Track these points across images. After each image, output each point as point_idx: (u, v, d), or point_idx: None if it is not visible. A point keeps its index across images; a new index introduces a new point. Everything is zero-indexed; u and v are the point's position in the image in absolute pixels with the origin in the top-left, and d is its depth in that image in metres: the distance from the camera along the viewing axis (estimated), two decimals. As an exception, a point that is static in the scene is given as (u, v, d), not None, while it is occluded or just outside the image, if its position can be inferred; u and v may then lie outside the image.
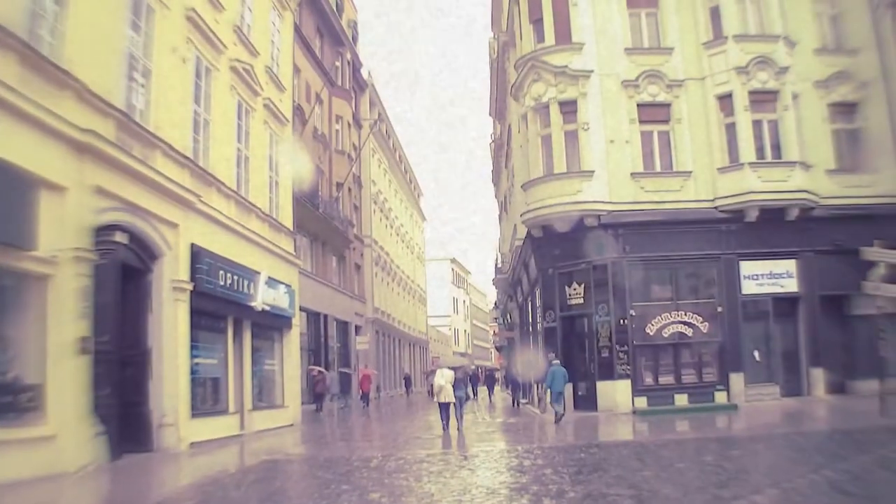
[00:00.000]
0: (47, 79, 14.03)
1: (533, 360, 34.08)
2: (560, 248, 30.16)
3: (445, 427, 24.16)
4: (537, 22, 31.32)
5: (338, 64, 49.93)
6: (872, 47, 30.97)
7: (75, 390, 14.62)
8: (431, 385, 33.73)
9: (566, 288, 30.27)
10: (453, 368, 25.93)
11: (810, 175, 29.22)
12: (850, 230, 27.59)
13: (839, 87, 30.74)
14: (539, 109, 30.58)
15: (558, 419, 25.60)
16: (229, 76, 24.87)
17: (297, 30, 36.38)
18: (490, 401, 49.50)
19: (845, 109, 31.00)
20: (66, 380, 14.34)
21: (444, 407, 24.32)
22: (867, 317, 25.22)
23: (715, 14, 30.49)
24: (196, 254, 21.25)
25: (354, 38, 58.23)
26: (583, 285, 29.76)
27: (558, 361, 26.86)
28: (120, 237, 17.17)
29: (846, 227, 28.15)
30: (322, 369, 38.98)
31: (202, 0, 22.58)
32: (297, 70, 36.65)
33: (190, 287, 20.66)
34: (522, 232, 34.28)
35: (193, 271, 21.03)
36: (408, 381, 67.28)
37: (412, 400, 57.30)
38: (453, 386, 24.19)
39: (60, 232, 14.31)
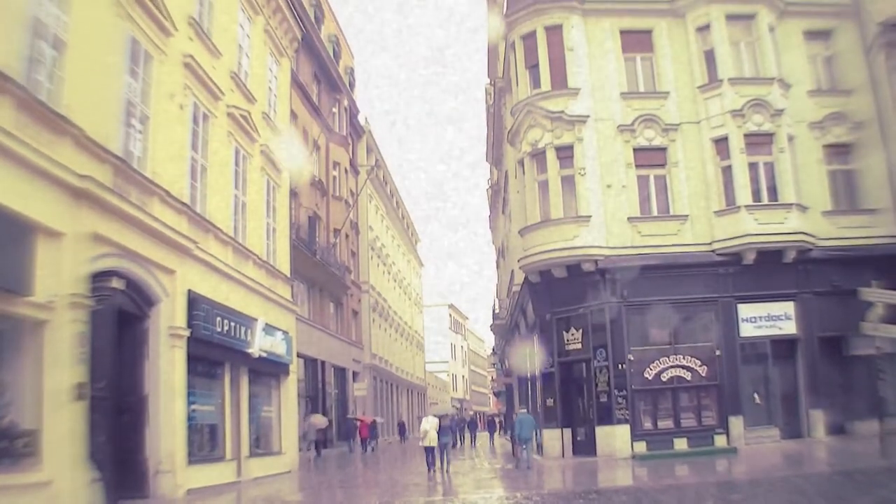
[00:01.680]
0: (45, 124, 14.06)
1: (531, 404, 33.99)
2: (558, 294, 30.11)
3: (430, 468, 25.95)
4: (533, 68, 31.45)
5: (335, 110, 50.15)
6: (867, 88, 31.22)
7: (71, 436, 14.52)
8: None
9: (564, 333, 30.19)
10: (439, 416, 27.65)
11: (807, 217, 29.29)
12: (848, 271, 27.71)
13: (834, 128, 30.94)
14: (535, 155, 30.66)
15: (524, 466, 25.87)
16: (227, 122, 24.94)
17: (295, 76, 36.55)
18: (491, 446, 49.34)
19: (841, 150, 31.18)
20: (62, 426, 14.25)
21: (429, 451, 26.20)
22: (866, 357, 25.21)
23: (710, 58, 30.69)
24: (193, 300, 21.19)
25: (351, 85, 58.56)
26: (580, 330, 29.69)
27: (524, 410, 27.06)
28: (117, 283, 17.12)
29: (843, 268, 28.24)
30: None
31: (200, 47, 22.69)
32: (294, 116, 36.79)
33: (187, 333, 20.59)
34: (520, 277, 34.27)
35: (190, 318, 20.96)
36: (402, 428, 66.97)
37: (406, 447, 57.02)
38: (438, 432, 26.01)
39: (57, 277, 14.27)
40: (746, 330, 29.24)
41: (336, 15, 54.93)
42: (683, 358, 28.80)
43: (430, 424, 26.41)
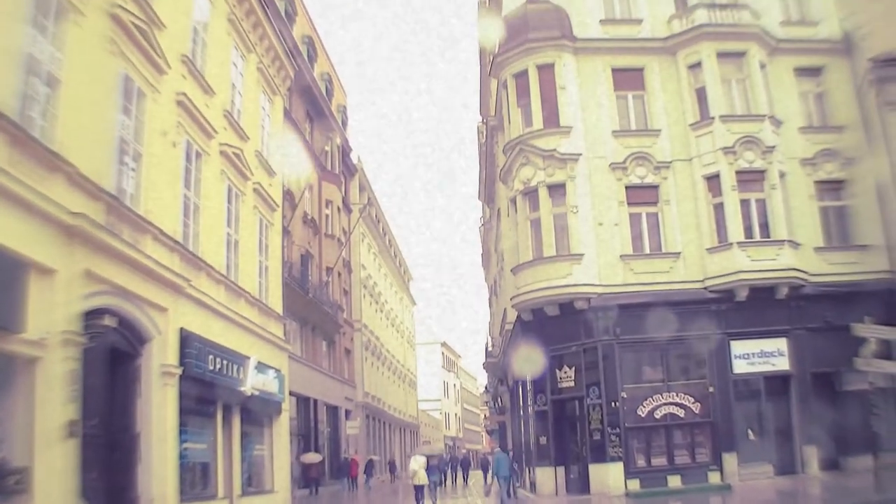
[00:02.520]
0: (38, 161, 14.05)
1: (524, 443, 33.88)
2: (550, 332, 30.11)
3: None
4: (525, 106, 31.62)
5: (327, 148, 50.27)
6: (858, 124, 31.54)
7: (63, 474, 14.40)
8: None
9: (557, 371, 30.18)
10: (427, 456, 29.43)
11: (799, 253, 29.42)
12: (840, 307, 27.74)
13: (826, 164, 31.19)
14: (528, 193, 30.78)
15: (511, 502, 26.12)
16: (220, 161, 24.92)
17: (288, 114, 36.63)
18: (485, 485, 49.16)
19: (832, 187, 31.42)
20: (53, 463, 14.13)
21: (418, 489, 27.47)
22: (860, 393, 25.16)
23: (701, 95, 30.91)
24: (185, 338, 21.09)
25: (344, 123, 58.75)
26: (573, 368, 29.71)
27: (499, 448, 27.12)
28: (109, 321, 17.06)
29: (836, 304, 28.31)
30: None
31: (193, 85, 22.72)
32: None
33: (179, 371, 20.47)
34: (513, 315, 34.31)
35: (182, 356, 20.84)
36: (392, 467, 66.65)
37: (397, 486, 56.75)
38: (427, 471, 27.36)
39: (50, 315, 14.20)
40: (739, 366, 29.25)
41: (329, 53, 55.18)
42: (677, 395, 28.81)
43: (418, 464, 27.51)
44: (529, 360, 30.09)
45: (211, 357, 22.73)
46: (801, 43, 32.68)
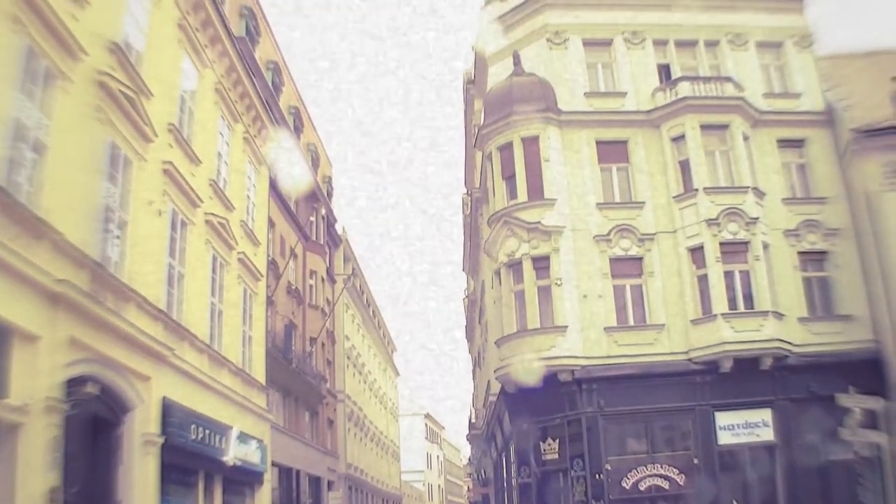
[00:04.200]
0: (24, 227, 14.04)
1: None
2: (534, 404, 30.04)
3: None
4: (510, 178, 31.81)
5: (312, 219, 50.29)
6: (840, 195, 31.84)
7: (43, 543, 14.27)
8: None
9: (541, 443, 30.09)
10: None
11: (783, 324, 29.50)
12: (824, 377, 27.77)
13: (809, 235, 31.45)
14: (512, 265, 30.88)
15: None
16: (205, 230, 24.95)
17: (273, 185, 36.73)
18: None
19: (815, 257, 31.68)
20: (33, 532, 14.01)
21: None
22: (845, 462, 25.17)
23: (685, 167, 31.19)
24: (168, 407, 20.94)
25: (329, 194, 58.89)
26: (557, 440, 29.60)
27: None
28: (92, 388, 16.94)
29: (820, 374, 28.35)
30: None
31: (179, 153, 22.79)
32: (272, 224, 36.91)
33: (161, 440, 20.30)
34: (496, 387, 34.26)
35: (165, 425, 20.69)
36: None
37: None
38: None
39: (32, 381, 14.10)
40: (724, 437, 29.15)
41: (315, 124, 55.45)
42: (661, 467, 28.66)
43: None
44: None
45: (193, 426, 22.58)
46: (784, 115, 33.12)
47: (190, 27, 24.27)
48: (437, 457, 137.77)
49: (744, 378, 28.86)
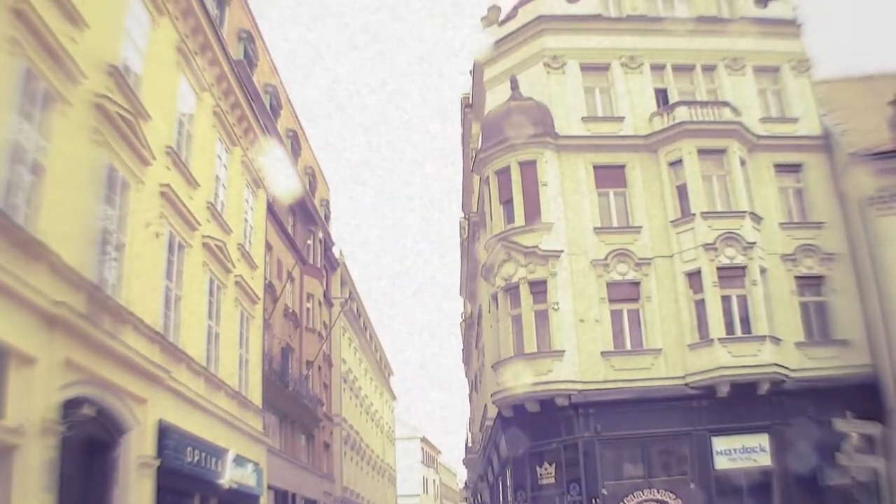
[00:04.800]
0: (22, 249, 14.04)
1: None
2: (531, 428, 29.98)
3: None
4: (507, 203, 31.82)
5: (310, 242, 50.32)
6: (837, 219, 31.89)
7: (37, 567, 14.21)
8: None
9: (537, 467, 29.97)
10: None
11: (780, 348, 29.45)
12: (821, 402, 27.69)
13: (806, 259, 31.44)
14: (509, 289, 30.86)
15: None
16: (202, 253, 24.96)
17: (271, 208, 36.76)
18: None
19: (812, 282, 31.63)
20: (28, 555, 13.95)
21: None
22: (842, 487, 25.11)
23: (682, 192, 31.19)
24: (164, 429, 20.90)
25: (327, 217, 58.94)
26: (554, 465, 29.51)
27: None
28: (88, 410, 16.90)
29: (817, 398, 28.23)
30: None
31: (177, 176, 22.82)
32: (269, 247, 36.93)
33: (157, 463, 20.26)
34: (493, 411, 34.14)
35: (161, 447, 20.65)
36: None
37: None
38: None
39: (29, 402, 14.08)
40: (721, 462, 29.02)
41: (313, 147, 55.55)
42: (658, 491, 28.53)
43: None
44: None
45: (189, 449, 22.54)
46: (781, 139, 33.18)
47: (188, 50, 24.37)
48: (434, 480, 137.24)
49: (741, 403, 28.80)
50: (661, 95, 33.77)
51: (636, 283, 30.98)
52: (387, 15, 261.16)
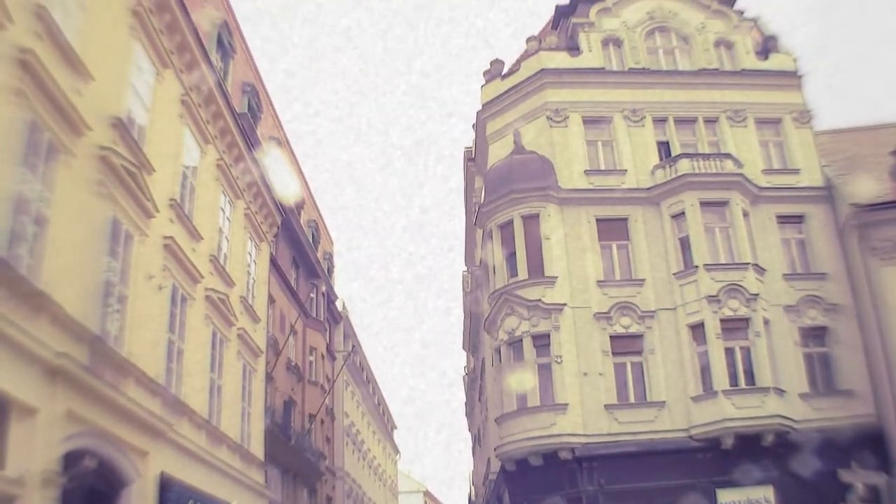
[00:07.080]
0: (24, 300, 14.05)
1: None
2: (534, 482, 29.80)
3: None
4: (510, 256, 31.91)
5: (312, 295, 50.32)
6: (840, 270, 31.90)
7: None
8: None
9: (542, 521, 29.80)
10: None
11: (784, 400, 29.34)
12: (827, 453, 27.51)
13: (809, 310, 31.44)
14: (512, 343, 30.85)
15: None
16: (205, 306, 24.95)
17: (273, 261, 36.80)
18: None
19: (816, 333, 31.63)
20: None
21: None
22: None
23: (685, 244, 31.27)
24: (165, 482, 20.76)
25: (330, 271, 58.99)
26: (558, 518, 29.33)
27: None
28: (89, 462, 16.80)
29: (822, 449, 27.96)
30: None
31: (180, 229, 22.87)
32: (272, 300, 36.91)
33: (158, 516, 20.20)
34: (496, 465, 34.01)
35: (162, 500, 20.49)
36: None
37: None
38: None
39: (30, 453, 14.02)
40: (726, 515, 28.86)
41: (316, 201, 55.73)
42: (663, 545, 28.36)
43: None
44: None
45: (191, 502, 22.38)
46: (784, 191, 33.32)
47: (192, 103, 24.51)
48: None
49: (745, 455, 28.62)
50: (664, 148, 33.96)
51: (639, 336, 30.95)
52: (389, 71, 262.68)
